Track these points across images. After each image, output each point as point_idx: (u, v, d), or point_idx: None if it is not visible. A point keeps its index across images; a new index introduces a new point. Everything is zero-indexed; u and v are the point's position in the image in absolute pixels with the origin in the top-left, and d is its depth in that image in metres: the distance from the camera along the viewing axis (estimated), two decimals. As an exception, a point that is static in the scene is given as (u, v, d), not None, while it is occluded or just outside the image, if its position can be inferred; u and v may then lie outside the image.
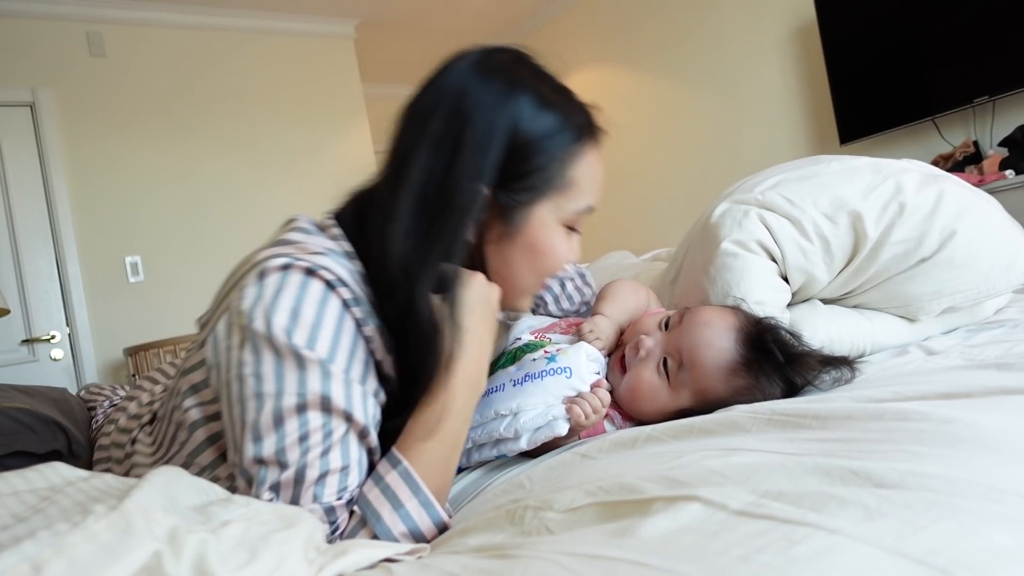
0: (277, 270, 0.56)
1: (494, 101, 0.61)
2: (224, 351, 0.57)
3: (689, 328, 0.73)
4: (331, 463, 0.55)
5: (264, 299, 0.55)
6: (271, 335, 0.54)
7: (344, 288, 0.58)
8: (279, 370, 0.54)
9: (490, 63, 0.64)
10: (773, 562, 0.32)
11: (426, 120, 0.62)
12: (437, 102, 0.62)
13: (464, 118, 0.60)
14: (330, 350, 0.56)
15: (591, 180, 0.68)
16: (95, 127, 3.13)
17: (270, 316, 0.54)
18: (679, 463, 0.50)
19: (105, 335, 3.07)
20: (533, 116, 0.63)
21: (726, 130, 3.36)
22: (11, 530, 0.32)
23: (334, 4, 3.65)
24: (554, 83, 0.68)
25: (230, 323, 0.57)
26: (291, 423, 0.54)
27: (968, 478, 0.38)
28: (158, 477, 0.39)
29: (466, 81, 0.62)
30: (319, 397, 0.54)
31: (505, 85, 0.62)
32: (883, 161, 0.93)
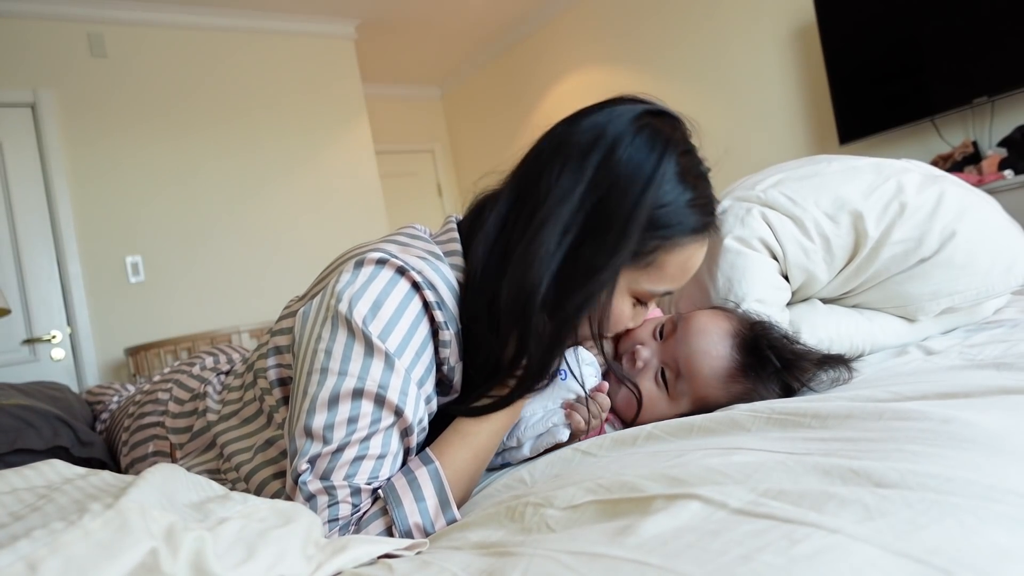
0: (372, 263, 0.60)
1: (648, 169, 0.61)
2: (309, 323, 0.61)
3: (685, 337, 0.73)
4: (371, 448, 0.58)
5: (354, 286, 0.59)
6: (350, 318, 0.57)
7: (431, 291, 0.61)
8: (348, 351, 0.57)
9: (652, 122, 0.64)
10: (773, 561, 0.32)
11: (582, 158, 0.62)
12: (595, 142, 0.62)
13: (615, 174, 0.61)
14: (399, 346, 0.59)
15: (682, 271, 0.67)
16: (96, 128, 3.13)
17: (354, 301, 0.58)
18: (679, 462, 0.49)
19: (106, 335, 3.07)
20: (670, 194, 0.63)
21: (726, 130, 3.36)
22: (8, 528, 0.32)
23: (334, 4, 3.65)
24: (698, 166, 0.68)
25: (322, 300, 0.61)
26: (344, 405, 0.57)
27: (968, 477, 0.38)
28: (155, 475, 0.39)
29: (625, 131, 0.62)
30: (377, 386, 0.57)
31: (659, 151, 0.62)
32: (884, 161, 0.93)
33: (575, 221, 0.60)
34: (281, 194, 3.55)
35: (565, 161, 0.62)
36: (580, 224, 0.60)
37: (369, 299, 0.58)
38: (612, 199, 0.60)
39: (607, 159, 0.61)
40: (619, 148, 0.61)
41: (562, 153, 0.63)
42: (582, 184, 0.61)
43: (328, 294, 0.61)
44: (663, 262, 0.64)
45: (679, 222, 0.63)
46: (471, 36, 4.45)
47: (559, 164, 0.62)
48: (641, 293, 0.66)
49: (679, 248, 0.64)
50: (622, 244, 0.60)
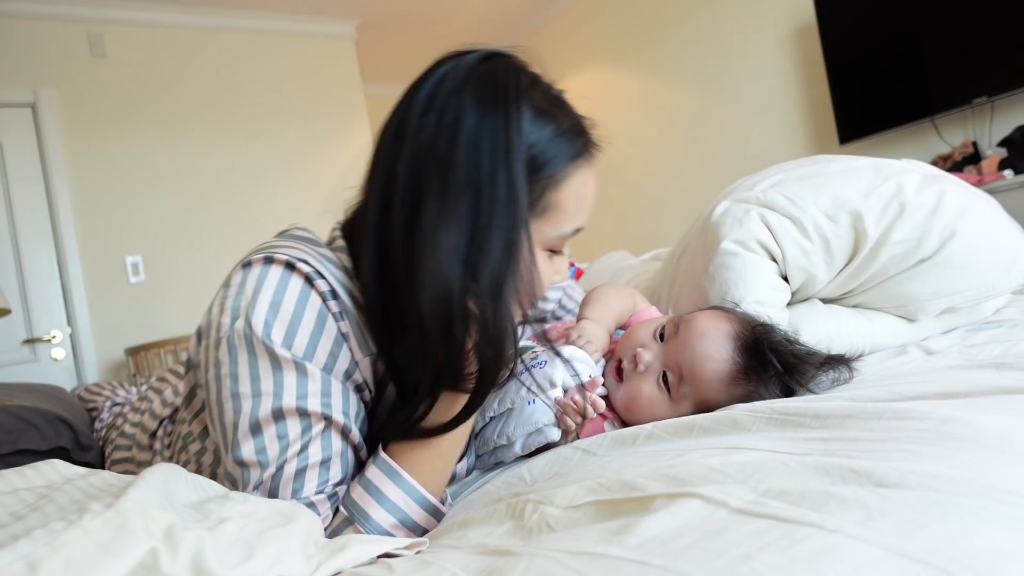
0: (260, 262, 0.56)
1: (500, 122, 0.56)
2: (203, 350, 0.57)
3: (687, 340, 0.73)
4: (310, 457, 0.56)
5: (245, 295, 0.55)
6: (249, 333, 0.53)
7: (322, 281, 0.57)
8: (254, 371, 0.54)
9: (483, 73, 0.59)
10: (774, 561, 0.32)
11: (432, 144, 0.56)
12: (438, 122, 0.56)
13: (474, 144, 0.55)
14: (308, 347, 0.55)
15: (579, 202, 0.62)
16: (96, 127, 3.13)
17: (251, 314, 0.54)
18: (680, 461, 0.49)
19: (106, 335, 3.07)
20: (534, 134, 0.58)
21: (726, 130, 3.36)
22: (8, 528, 0.32)
23: (334, 4, 3.65)
24: (550, 96, 0.62)
25: (209, 322, 0.57)
26: (268, 428, 0.54)
27: (968, 477, 0.38)
28: (155, 474, 0.39)
29: (461, 96, 0.57)
30: (295, 400, 0.54)
31: (502, 100, 0.57)
32: (884, 161, 0.93)
33: (456, 205, 0.55)
34: (281, 194, 3.55)
35: (417, 152, 0.56)
36: (465, 206, 0.55)
37: (264, 305, 0.54)
38: (482, 169, 0.55)
39: (456, 133, 0.55)
40: (463, 117, 0.56)
41: (410, 143, 0.57)
42: (447, 168, 0.55)
43: (217, 310, 0.56)
44: (557, 201, 0.60)
45: (554, 156, 0.59)
46: (471, 36, 4.44)
47: (411, 155, 0.57)
48: (551, 242, 0.63)
49: (566, 181, 0.60)
50: (514, 205, 0.55)
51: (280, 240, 0.62)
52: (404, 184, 0.56)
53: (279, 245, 0.59)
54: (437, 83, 0.58)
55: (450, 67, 0.59)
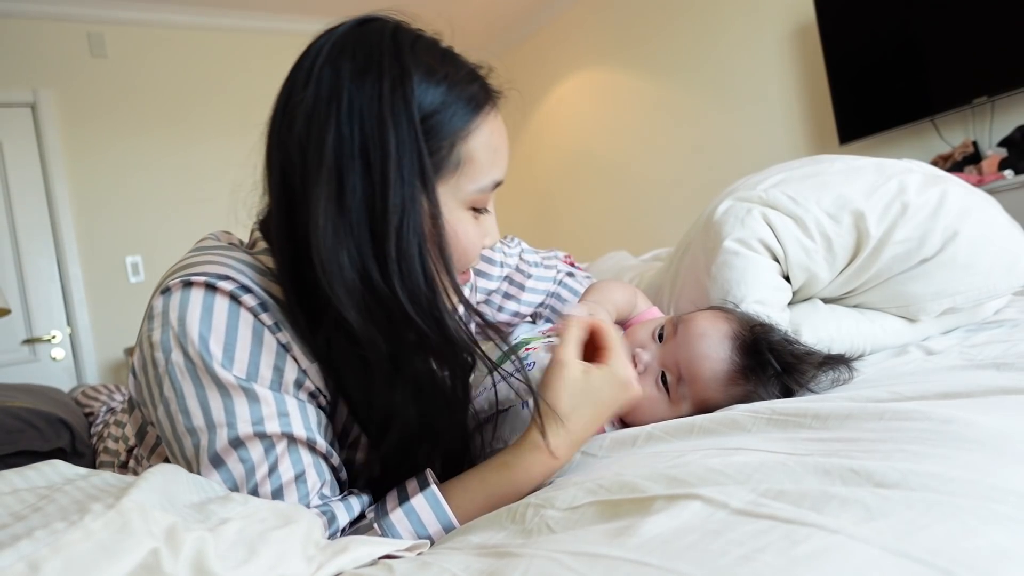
0: (178, 288, 0.53)
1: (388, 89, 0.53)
2: (144, 387, 0.54)
3: (685, 340, 0.73)
4: (283, 476, 0.53)
5: (171, 326, 0.52)
6: (188, 364, 0.51)
7: (249, 295, 0.54)
8: (204, 402, 0.51)
9: (357, 41, 0.57)
10: (774, 562, 0.32)
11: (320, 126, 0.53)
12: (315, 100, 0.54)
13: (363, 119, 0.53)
14: (250, 366, 0.52)
15: (491, 152, 0.59)
16: (96, 128, 3.13)
17: (183, 344, 0.51)
18: (680, 462, 0.49)
19: (106, 335, 3.07)
20: (429, 96, 0.55)
21: (726, 130, 3.36)
22: (9, 529, 0.32)
23: (334, 4, 3.65)
24: (437, 51, 0.60)
25: (142, 359, 0.54)
26: (230, 457, 0.52)
27: (968, 478, 0.38)
28: (156, 475, 0.39)
29: (338, 68, 0.55)
30: (251, 426, 0.52)
31: (388, 66, 0.54)
32: (886, 161, 0.93)
33: (346, 182, 0.52)
34: (281, 194, 3.54)
35: (300, 134, 0.54)
36: (356, 181, 0.52)
37: (194, 331, 0.51)
38: (368, 137, 0.52)
39: (336, 106, 0.53)
40: (341, 88, 0.53)
41: (294, 128, 0.54)
42: (333, 144, 0.52)
43: (147, 347, 0.53)
44: (468, 154, 0.57)
45: (454, 114, 0.56)
46: (471, 36, 4.44)
47: (295, 140, 0.54)
48: (472, 199, 0.59)
49: (473, 134, 0.57)
50: (412, 166, 0.53)
51: (195, 256, 0.58)
52: (296, 171, 0.54)
53: (195, 264, 0.56)
54: (312, 58, 0.57)
55: (323, 40, 0.58)
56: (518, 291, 0.97)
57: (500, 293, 0.96)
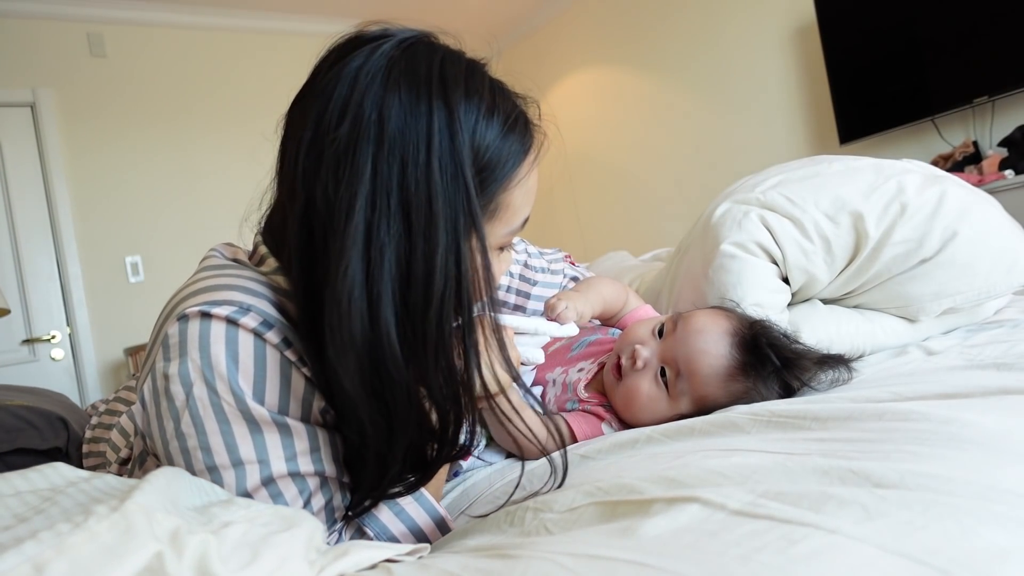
0: (196, 318, 0.48)
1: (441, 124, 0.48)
2: (155, 420, 0.49)
3: (684, 336, 0.73)
4: (314, 507, 0.52)
5: (191, 358, 0.47)
6: (213, 398, 0.47)
7: (272, 332, 0.50)
8: (229, 440, 0.47)
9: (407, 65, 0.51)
10: (772, 562, 0.32)
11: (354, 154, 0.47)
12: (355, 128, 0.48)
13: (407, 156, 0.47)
14: (280, 400, 0.49)
15: (528, 195, 0.56)
16: (96, 127, 3.13)
17: (208, 377, 0.46)
18: (678, 464, 0.50)
19: (105, 335, 3.07)
20: (483, 134, 0.50)
21: (726, 130, 3.36)
22: (13, 530, 0.33)
23: (334, 4, 3.65)
24: (487, 84, 0.54)
25: (155, 390, 0.49)
26: (260, 496, 0.49)
27: (967, 478, 0.38)
28: (159, 478, 0.39)
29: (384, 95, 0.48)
30: (285, 465, 0.49)
31: (441, 97, 0.49)
32: (885, 162, 0.93)
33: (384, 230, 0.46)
34: (281, 194, 3.54)
35: (335, 169, 0.47)
36: (396, 228, 0.46)
37: (221, 364, 0.47)
38: (413, 183, 0.46)
39: (380, 143, 0.46)
40: (385, 136, 0.47)
41: (326, 159, 0.48)
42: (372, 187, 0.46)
43: (161, 378, 0.48)
44: (508, 202, 0.54)
45: (506, 156, 0.52)
46: (471, 36, 4.43)
47: (330, 174, 0.47)
48: (502, 240, 0.56)
49: (517, 179, 0.53)
50: (462, 218, 0.47)
51: (207, 279, 0.53)
52: (318, 218, 0.48)
53: (209, 289, 0.51)
54: (351, 84, 0.49)
55: (363, 60, 0.50)
56: (524, 300, 0.97)
57: (509, 306, 0.96)
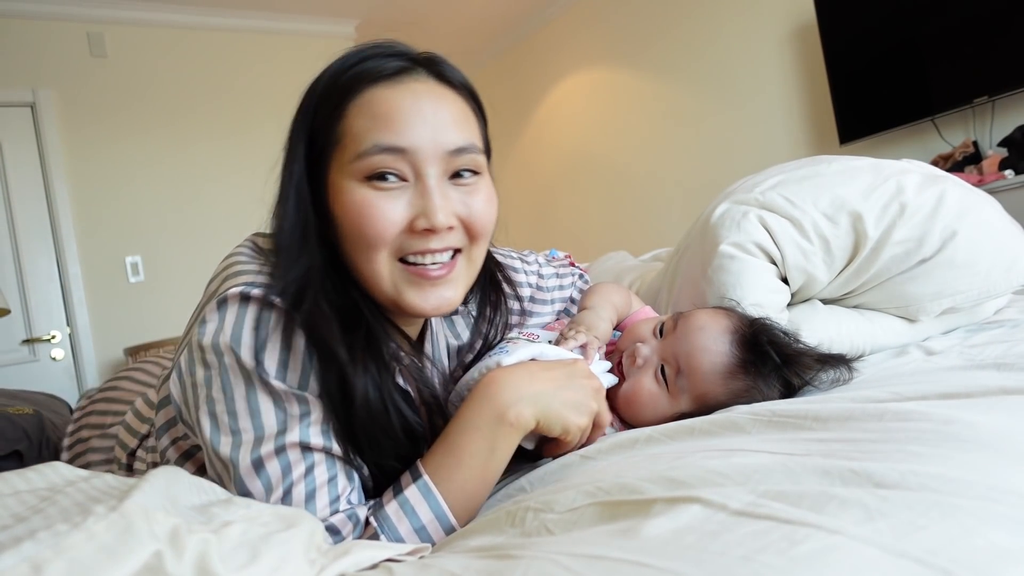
0: (236, 300, 0.54)
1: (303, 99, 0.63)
2: (189, 388, 0.55)
3: (684, 334, 0.73)
4: (317, 478, 0.55)
5: (224, 333, 0.52)
6: (241, 367, 0.52)
7: (299, 313, 0.55)
8: (253, 405, 0.52)
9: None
10: (773, 562, 0.32)
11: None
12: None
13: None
14: (301, 377, 0.54)
15: (378, 119, 0.56)
16: (96, 127, 3.13)
17: (237, 351, 0.52)
18: (679, 464, 0.50)
19: (105, 335, 3.07)
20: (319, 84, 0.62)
21: (726, 130, 3.36)
22: (11, 530, 0.32)
23: (334, 4, 3.65)
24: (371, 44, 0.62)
25: (191, 359, 0.55)
26: (271, 463, 0.53)
27: (968, 478, 0.38)
28: (158, 477, 0.39)
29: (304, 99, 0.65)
30: (297, 436, 0.53)
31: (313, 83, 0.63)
32: (884, 162, 0.93)
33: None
34: (281, 194, 3.54)
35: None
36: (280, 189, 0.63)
37: (249, 342, 0.53)
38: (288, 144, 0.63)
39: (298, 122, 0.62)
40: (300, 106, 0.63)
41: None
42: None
43: (197, 349, 0.54)
44: (348, 129, 0.57)
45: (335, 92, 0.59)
46: (471, 36, 4.44)
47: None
48: (359, 167, 0.56)
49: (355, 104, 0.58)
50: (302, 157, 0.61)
51: (243, 264, 0.59)
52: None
53: (247, 273, 0.57)
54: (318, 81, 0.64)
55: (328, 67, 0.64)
56: (542, 306, 0.97)
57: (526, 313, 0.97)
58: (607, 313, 0.83)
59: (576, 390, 0.63)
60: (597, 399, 0.65)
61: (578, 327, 0.77)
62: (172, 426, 0.63)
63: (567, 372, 0.64)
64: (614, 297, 0.88)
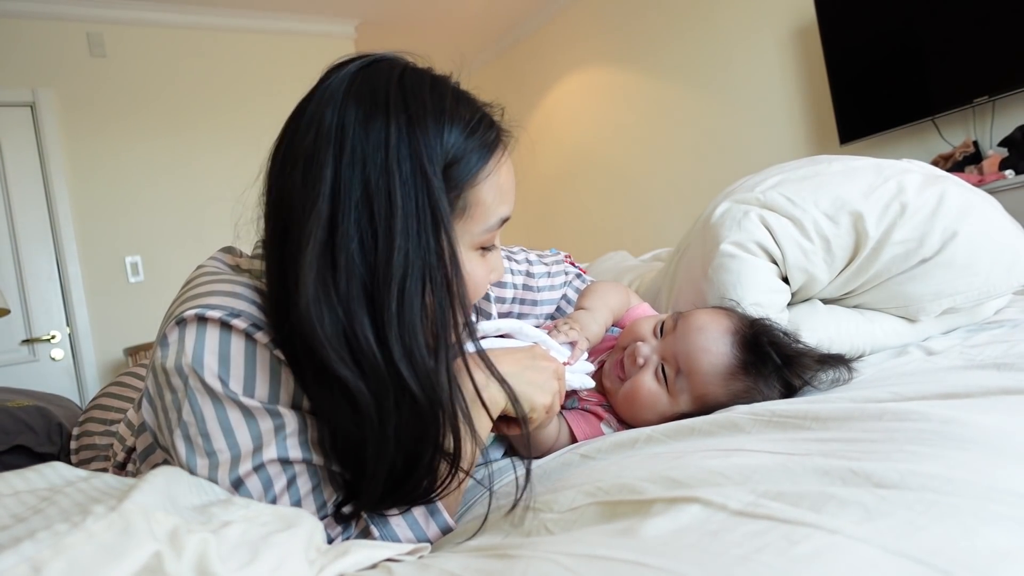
0: (193, 321, 0.52)
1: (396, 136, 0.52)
2: (161, 412, 0.54)
3: (684, 334, 0.73)
4: (301, 488, 0.55)
5: (185, 356, 0.51)
6: (207, 388, 0.51)
7: (261, 332, 0.53)
8: (225, 424, 0.51)
9: (366, 82, 0.55)
10: (773, 562, 0.32)
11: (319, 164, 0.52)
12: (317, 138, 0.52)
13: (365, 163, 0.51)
14: (270, 393, 0.53)
15: (500, 193, 0.59)
16: (95, 127, 3.13)
17: (199, 368, 0.51)
18: (679, 464, 0.50)
19: (105, 335, 3.07)
20: (448, 141, 0.54)
21: (726, 130, 3.36)
22: (10, 530, 0.32)
23: (334, 4, 3.65)
24: (449, 94, 0.57)
25: (157, 383, 0.53)
26: (251, 480, 0.52)
27: (968, 478, 0.38)
28: (158, 477, 0.39)
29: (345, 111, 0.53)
30: (275, 451, 0.52)
31: (399, 108, 0.53)
32: (885, 162, 0.93)
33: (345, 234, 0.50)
34: (281, 194, 3.54)
35: (302, 177, 0.52)
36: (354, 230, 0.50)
37: (213, 363, 0.51)
38: (383, 195, 0.50)
39: (340, 156, 0.51)
40: (347, 138, 0.52)
41: (294, 169, 0.53)
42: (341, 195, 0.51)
43: (160, 373, 0.52)
44: (478, 199, 0.56)
45: (468, 161, 0.55)
46: (471, 36, 4.44)
47: (296, 181, 0.52)
48: (481, 239, 0.59)
49: (483, 180, 0.57)
50: (430, 224, 0.51)
51: (204, 284, 0.57)
52: (290, 214, 0.52)
53: (205, 294, 0.55)
54: (318, 100, 0.55)
55: (328, 81, 0.56)
56: (531, 308, 0.97)
57: (514, 315, 0.96)
58: (602, 317, 0.83)
59: (538, 371, 0.65)
60: (557, 380, 0.66)
61: (572, 323, 0.77)
62: (151, 453, 0.62)
63: (529, 354, 0.66)
64: (611, 299, 0.88)
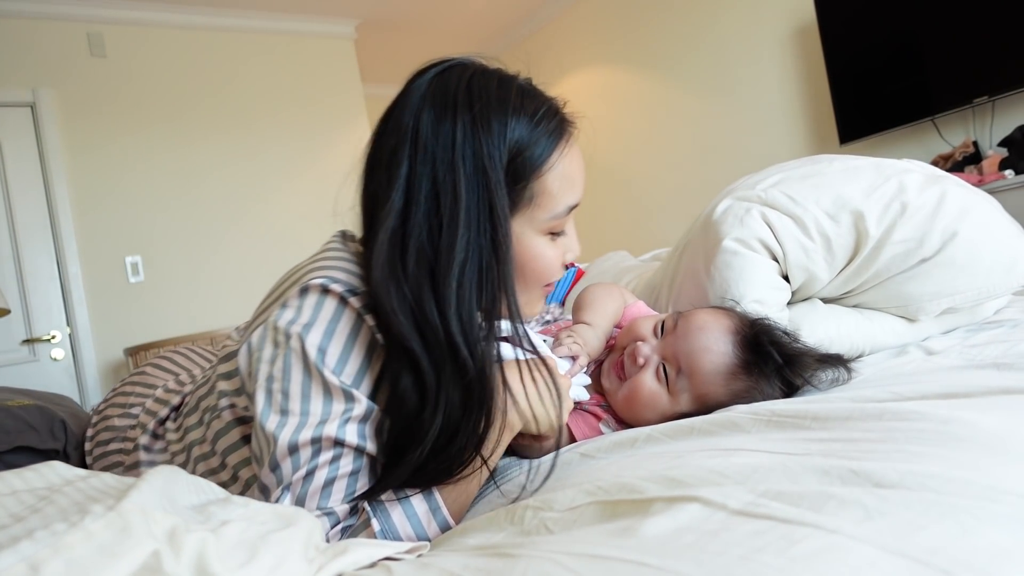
0: (317, 291, 0.58)
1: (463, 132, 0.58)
2: (256, 362, 0.59)
3: (685, 333, 0.73)
4: (340, 468, 0.57)
5: (299, 321, 0.57)
6: (304, 354, 0.56)
7: (371, 315, 0.59)
8: (306, 390, 0.57)
9: (441, 83, 0.61)
10: (772, 562, 0.32)
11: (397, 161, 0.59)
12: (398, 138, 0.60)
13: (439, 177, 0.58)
14: (357, 374, 0.58)
15: (566, 180, 0.64)
16: (96, 127, 3.13)
17: (305, 336, 0.56)
18: (679, 463, 0.50)
19: (105, 335, 3.07)
20: (515, 132, 0.60)
21: (726, 130, 3.36)
22: (9, 530, 0.32)
23: (334, 4, 3.65)
24: (515, 90, 0.63)
25: (264, 336, 0.59)
26: (305, 450, 0.56)
27: (967, 478, 0.38)
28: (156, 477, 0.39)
29: (420, 110, 0.60)
30: (335, 429, 0.56)
31: (466, 106, 0.59)
32: (885, 161, 0.93)
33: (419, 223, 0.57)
34: (281, 193, 3.55)
35: (388, 166, 0.59)
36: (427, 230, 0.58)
37: (319, 333, 0.57)
38: (448, 188, 0.57)
39: (414, 155, 0.58)
40: (420, 139, 0.59)
41: (377, 172, 0.61)
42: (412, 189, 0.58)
43: (271, 329, 0.58)
44: (543, 187, 0.62)
45: (533, 150, 0.60)
46: (471, 36, 4.44)
47: (384, 169, 0.60)
48: (548, 224, 0.64)
49: (550, 170, 0.62)
50: (488, 215, 0.58)
51: (331, 260, 0.63)
52: (374, 208, 0.60)
53: (332, 268, 0.61)
54: (400, 104, 0.62)
55: (412, 85, 0.63)
56: None
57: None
58: (604, 332, 0.84)
59: (554, 389, 0.67)
60: (567, 397, 0.69)
61: (576, 337, 0.78)
62: (237, 395, 0.67)
63: (545, 371, 0.68)
64: (610, 308, 0.87)
